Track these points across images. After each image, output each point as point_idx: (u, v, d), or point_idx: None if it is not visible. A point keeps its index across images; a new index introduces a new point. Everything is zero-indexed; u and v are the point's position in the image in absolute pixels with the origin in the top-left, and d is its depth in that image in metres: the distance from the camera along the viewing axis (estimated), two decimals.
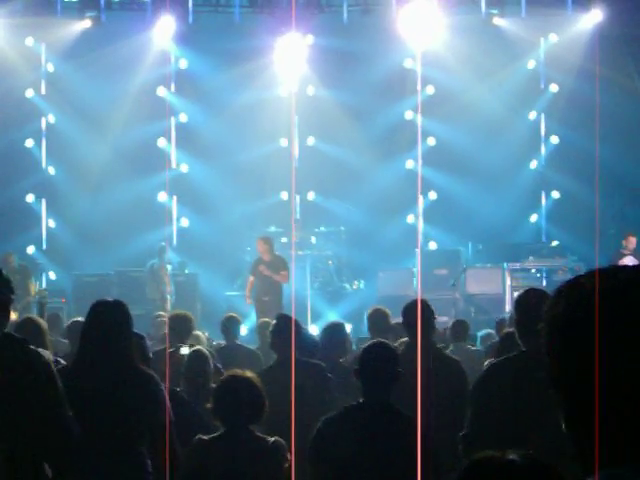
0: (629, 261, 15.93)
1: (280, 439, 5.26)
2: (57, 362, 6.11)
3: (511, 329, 6.01)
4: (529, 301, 5.22)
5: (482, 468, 1.77)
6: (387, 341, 6.03)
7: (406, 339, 7.50)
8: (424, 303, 7.10)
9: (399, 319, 8.56)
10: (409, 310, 7.15)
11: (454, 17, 18.58)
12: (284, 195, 20.12)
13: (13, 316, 5.96)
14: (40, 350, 4.88)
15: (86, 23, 18.97)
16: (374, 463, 4.96)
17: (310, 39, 19.53)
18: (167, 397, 5.38)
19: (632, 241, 16.85)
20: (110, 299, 5.58)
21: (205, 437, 5.23)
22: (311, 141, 20.23)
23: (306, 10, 19.14)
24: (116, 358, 5.26)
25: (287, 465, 5.19)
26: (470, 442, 5.12)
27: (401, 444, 4.94)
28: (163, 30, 19.21)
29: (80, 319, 7.94)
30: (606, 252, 17.21)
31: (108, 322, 5.30)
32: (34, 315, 8.45)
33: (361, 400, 5.17)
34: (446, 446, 5.25)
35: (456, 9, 18.67)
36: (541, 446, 4.38)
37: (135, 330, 6.50)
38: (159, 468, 5.28)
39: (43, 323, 7.29)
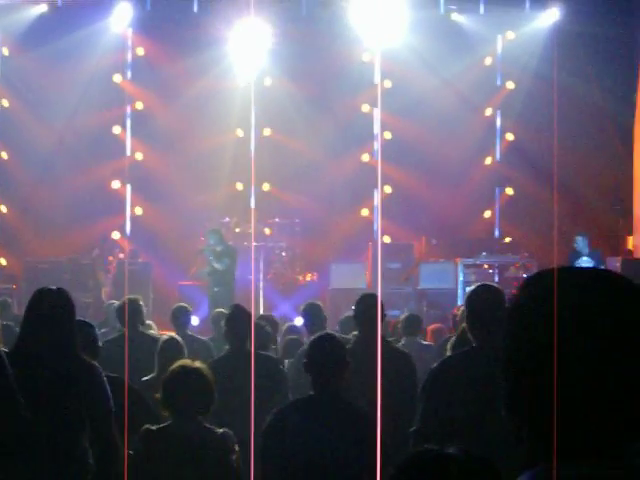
0: (585, 265, 16.10)
1: (228, 431, 5.24)
2: None
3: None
4: (480, 297, 5.24)
5: (419, 461, 1.79)
6: (334, 333, 6.03)
7: (356, 332, 7.50)
8: (375, 297, 7.11)
9: (349, 312, 8.61)
10: (360, 304, 7.17)
11: (413, 12, 18.61)
12: (239, 185, 20.07)
13: None
14: None
15: (42, 7, 18.82)
16: (324, 456, 4.95)
17: (268, 30, 19.46)
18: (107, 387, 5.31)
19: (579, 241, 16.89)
20: (53, 287, 5.50)
21: (152, 427, 5.20)
22: (267, 132, 20.18)
23: (265, 1, 19.08)
24: (56, 346, 5.19)
25: (235, 457, 5.17)
26: (421, 438, 5.12)
27: (352, 436, 4.94)
28: (120, 16, 19.10)
29: None
30: (559, 250, 17.33)
31: (49, 310, 5.23)
32: None
33: (311, 393, 5.16)
34: (395, 440, 5.25)
35: (415, 4, 18.70)
36: (490, 441, 4.40)
37: (85, 318, 6.46)
38: (100, 458, 5.24)
39: None
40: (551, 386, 1.65)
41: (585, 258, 16.50)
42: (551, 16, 19.06)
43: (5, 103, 19.71)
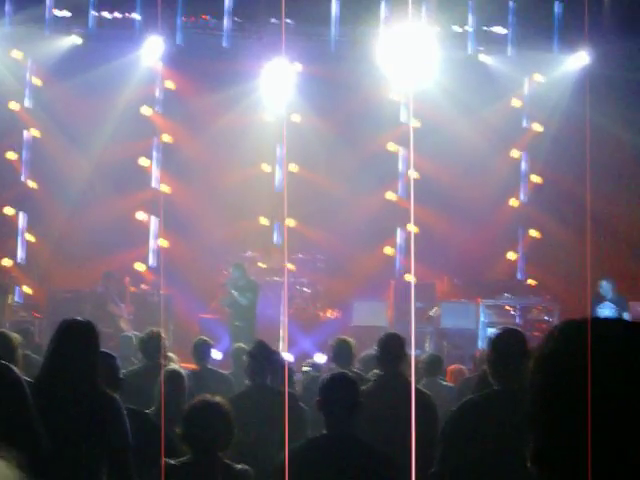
0: (608, 309, 16.08)
1: (247, 467, 5.22)
2: None
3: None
4: (504, 340, 5.22)
5: None
6: (346, 371, 6.00)
7: (377, 371, 7.47)
8: (398, 337, 7.09)
9: (370, 350, 8.57)
10: (383, 343, 7.13)
11: (441, 52, 18.71)
12: (263, 220, 20.12)
13: None
14: (10, 365, 4.81)
15: (74, 39, 19.04)
16: None
17: (297, 66, 19.61)
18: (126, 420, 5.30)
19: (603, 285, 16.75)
20: (80, 318, 5.50)
21: (172, 461, 5.19)
22: (293, 168, 20.23)
23: (294, 37, 19.24)
24: (78, 378, 5.18)
25: None
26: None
27: (365, 476, 4.91)
28: (151, 50, 19.28)
29: None
30: (582, 294, 17.23)
31: (73, 341, 5.23)
32: (6, 330, 8.35)
33: (324, 432, 5.14)
34: None
35: (443, 45, 18.81)
36: None
37: (106, 350, 6.46)
38: None
39: (15, 338, 7.20)
40: (584, 440, 1.63)
41: (608, 303, 16.42)
42: (580, 59, 19.11)
43: (34, 132, 19.88)
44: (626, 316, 15.56)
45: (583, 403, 1.64)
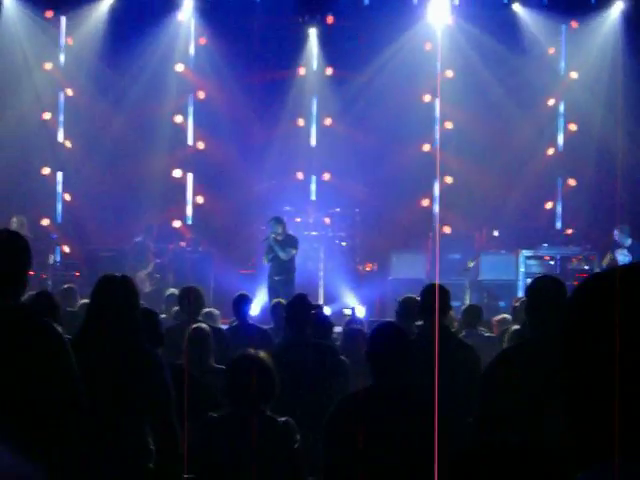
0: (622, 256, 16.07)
1: (290, 419, 5.25)
2: None
3: None
4: (541, 288, 5.20)
5: (483, 451, 1.79)
6: (394, 321, 5.98)
7: (420, 322, 7.47)
8: (441, 288, 7.06)
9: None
10: (426, 294, 7.10)
11: (475, 1, 18.54)
12: (299, 175, 20.11)
13: None
14: (53, 322, 4.84)
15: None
16: (389, 445, 4.93)
17: (330, 19, 19.49)
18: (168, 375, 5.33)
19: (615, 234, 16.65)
20: (117, 274, 5.51)
21: (215, 415, 5.23)
22: (328, 122, 20.18)
23: None
24: (119, 334, 5.20)
25: (297, 446, 5.18)
26: (480, 427, 5.10)
27: (416, 425, 4.91)
28: (183, 6, 19.24)
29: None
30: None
31: (112, 297, 5.24)
32: (48, 289, 8.45)
33: (373, 382, 5.13)
34: (459, 430, 5.23)
35: None
36: (548, 431, 4.38)
37: (147, 306, 6.50)
38: (160, 445, 5.26)
39: (57, 297, 7.29)
40: (614, 383, 1.60)
41: (621, 250, 16.31)
42: (615, 5, 18.91)
43: (69, 92, 19.93)
44: None
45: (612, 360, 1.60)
